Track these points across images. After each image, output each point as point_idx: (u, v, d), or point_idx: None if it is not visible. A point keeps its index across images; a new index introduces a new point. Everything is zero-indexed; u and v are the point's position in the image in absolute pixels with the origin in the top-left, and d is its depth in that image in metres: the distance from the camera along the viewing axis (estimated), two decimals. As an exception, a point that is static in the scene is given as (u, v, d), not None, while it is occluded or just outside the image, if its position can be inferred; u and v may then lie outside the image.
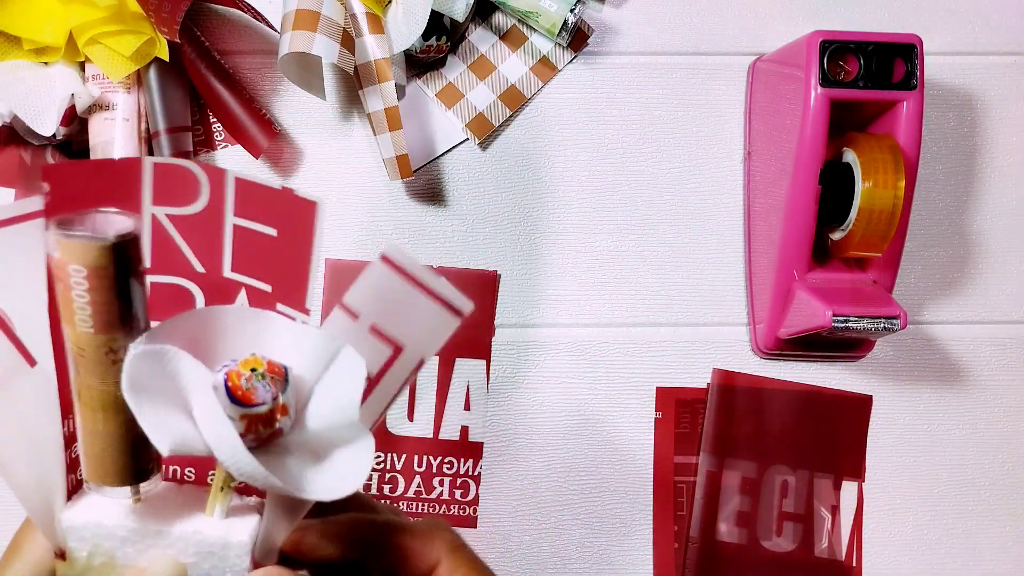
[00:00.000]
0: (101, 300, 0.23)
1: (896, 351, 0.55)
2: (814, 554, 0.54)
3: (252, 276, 0.28)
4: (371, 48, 0.49)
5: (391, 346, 0.26)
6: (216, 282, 0.28)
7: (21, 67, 0.48)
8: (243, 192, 0.26)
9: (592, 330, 0.55)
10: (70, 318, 0.24)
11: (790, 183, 0.48)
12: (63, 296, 0.24)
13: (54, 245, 0.23)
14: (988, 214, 0.56)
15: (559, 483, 0.54)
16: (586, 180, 0.55)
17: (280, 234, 0.27)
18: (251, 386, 0.24)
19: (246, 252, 0.27)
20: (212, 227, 0.27)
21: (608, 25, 0.55)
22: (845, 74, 0.47)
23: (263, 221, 0.27)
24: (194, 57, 0.50)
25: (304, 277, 0.27)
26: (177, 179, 0.26)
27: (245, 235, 0.27)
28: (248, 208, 0.27)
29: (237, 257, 0.28)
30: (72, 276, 0.23)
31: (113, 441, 0.25)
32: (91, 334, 0.24)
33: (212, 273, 0.28)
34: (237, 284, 0.28)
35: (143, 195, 0.26)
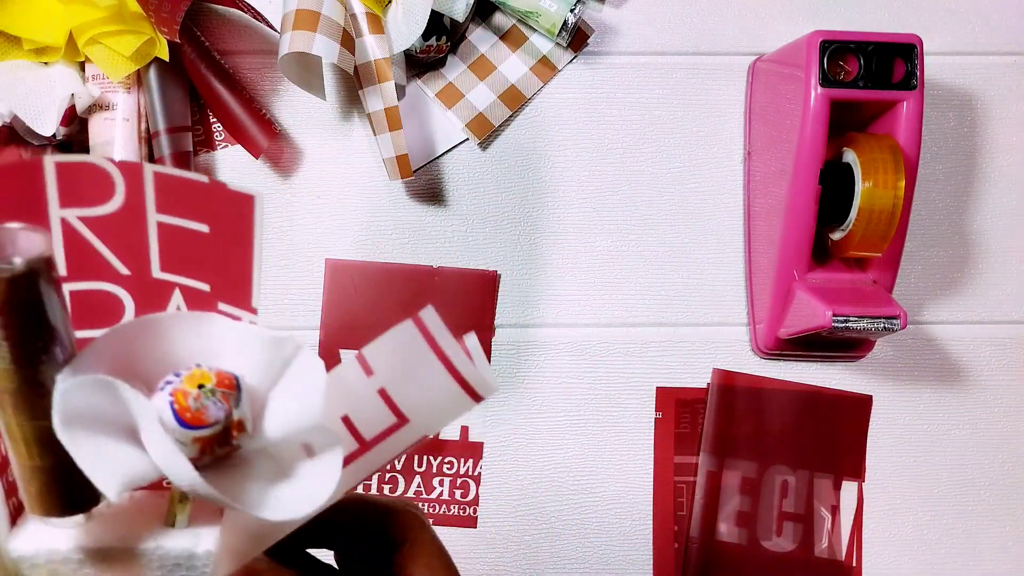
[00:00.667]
0: (15, 335, 0.21)
1: (896, 351, 0.55)
2: (814, 554, 0.54)
3: (186, 275, 0.25)
4: (371, 48, 0.49)
5: (396, 416, 0.25)
6: (145, 283, 0.26)
7: (21, 67, 0.48)
8: (165, 187, 0.24)
9: (592, 330, 0.55)
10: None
11: (790, 183, 0.48)
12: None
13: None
14: (988, 214, 0.56)
15: (559, 483, 0.54)
16: (586, 180, 0.55)
17: (213, 230, 0.25)
18: (200, 405, 0.22)
19: (176, 250, 0.25)
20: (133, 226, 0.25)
21: (608, 25, 0.55)
22: (845, 74, 0.47)
23: (192, 217, 0.24)
24: (194, 57, 0.50)
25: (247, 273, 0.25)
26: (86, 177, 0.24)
27: (172, 232, 0.25)
28: (173, 204, 0.24)
29: (165, 256, 0.25)
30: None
31: (53, 476, 0.23)
32: (12, 370, 0.22)
33: (139, 274, 0.25)
34: (170, 284, 0.26)
35: (48, 198, 0.24)
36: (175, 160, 0.50)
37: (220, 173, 0.54)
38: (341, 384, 0.24)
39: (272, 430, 0.24)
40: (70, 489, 0.23)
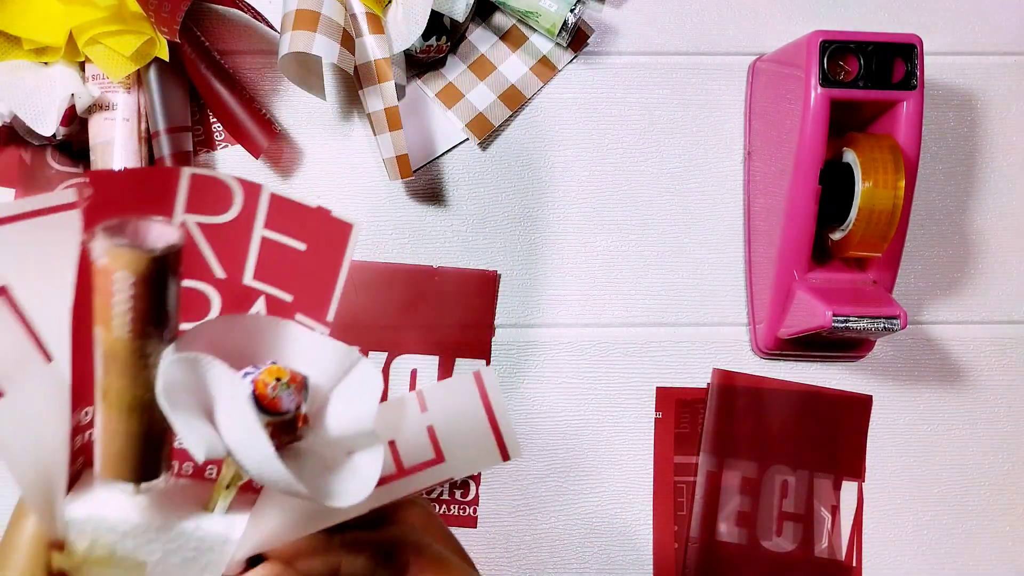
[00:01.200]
0: (142, 307, 0.24)
1: (896, 351, 0.55)
2: (814, 554, 0.54)
3: (274, 285, 0.29)
4: (371, 48, 0.49)
5: (435, 453, 0.27)
6: (235, 288, 0.29)
7: (21, 67, 0.48)
8: (277, 207, 0.28)
9: (592, 330, 0.55)
10: (107, 322, 0.24)
11: (790, 183, 0.48)
12: (102, 301, 0.24)
13: (101, 252, 0.23)
14: (988, 214, 0.56)
15: (559, 483, 0.54)
16: (586, 180, 0.55)
17: (309, 248, 0.28)
18: (277, 395, 0.25)
19: (271, 262, 0.28)
20: (240, 236, 0.28)
21: (608, 25, 0.55)
22: (845, 74, 0.47)
23: (293, 235, 0.28)
24: (194, 57, 0.50)
25: (330, 291, 0.28)
26: (212, 190, 0.27)
27: (272, 247, 0.28)
28: (280, 222, 0.28)
29: (261, 266, 0.28)
30: (117, 283, 0.23)
31: (134, 440, 0.26)
32: (127, 339, 0.24)
33: (232, 279, 0.29)
34: (256, 292, 0.29)
35: (177, 203, 0.27)
36: (175, 160, 0.50)
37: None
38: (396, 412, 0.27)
39: (329, 429, 0.26)
40: (144, 456, 0.26)
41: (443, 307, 0.54)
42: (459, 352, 0.54)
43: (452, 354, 0.54)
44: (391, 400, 0.27)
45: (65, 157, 0.53)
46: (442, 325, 0.54)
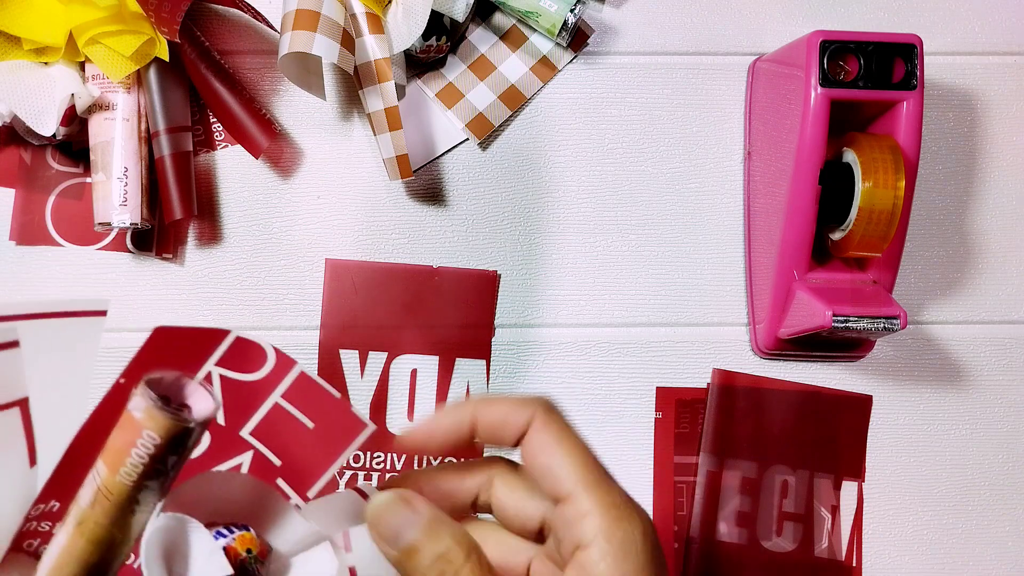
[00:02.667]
0: (154, 463, 0.25)
1: (896, 351, 0.55)
2: (814, 554, 0.54)
3: (267, 446, 0.30)
4: (371, 48, 0.49)
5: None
6: (228, 437, 0.29)
7: (21, 67, 0.48)
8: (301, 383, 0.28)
9: (592, 330, 0.55)
10: (114, 465, 0.25)
11: (790, 183, 0.48)
12: (120, 447, 0.25)
13: (140, 407, 0.24)
14: (988, 214, 0.56)
15: (559, 483, 0.54)
16: (586, 180, 0.55)
17: (316, 428, 0.29)
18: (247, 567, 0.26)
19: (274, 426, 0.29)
20: (255, 395, 0.29)
21: (608, 25, 0.55)
22: (845, 74, 0.47)
23: (306, 412, 0.29)
24: (194, 57, 0.50)
25: (320, 472, 0.29)
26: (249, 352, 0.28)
27: (281, 413, 0.29)
28: (298, 397, 0.29)
29: (263, 426, 0.29)
30: (142, 439, 0.24)
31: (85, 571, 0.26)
32: (128, 486, 0.25)
33: (229, 429, 0.29)
34: (247, 445, 0.30)
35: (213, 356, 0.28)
36: (175, 160, 0.50)
37: (220, 173, 0.54)
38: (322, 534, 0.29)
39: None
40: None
41: (443, 307, 0.54)
42: (459, 352, 0.54)
43: (452, 354, 0.54)
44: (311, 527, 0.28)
45: (65, 157, 0.53)
46: (442, 325, 0.54)
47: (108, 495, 0.25)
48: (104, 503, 0.25)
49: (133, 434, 0.24)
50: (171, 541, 0.25)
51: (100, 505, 0.25)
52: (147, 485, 0.25)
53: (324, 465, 0.29)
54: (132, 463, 0.24)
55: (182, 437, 0.25)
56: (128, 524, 0.25)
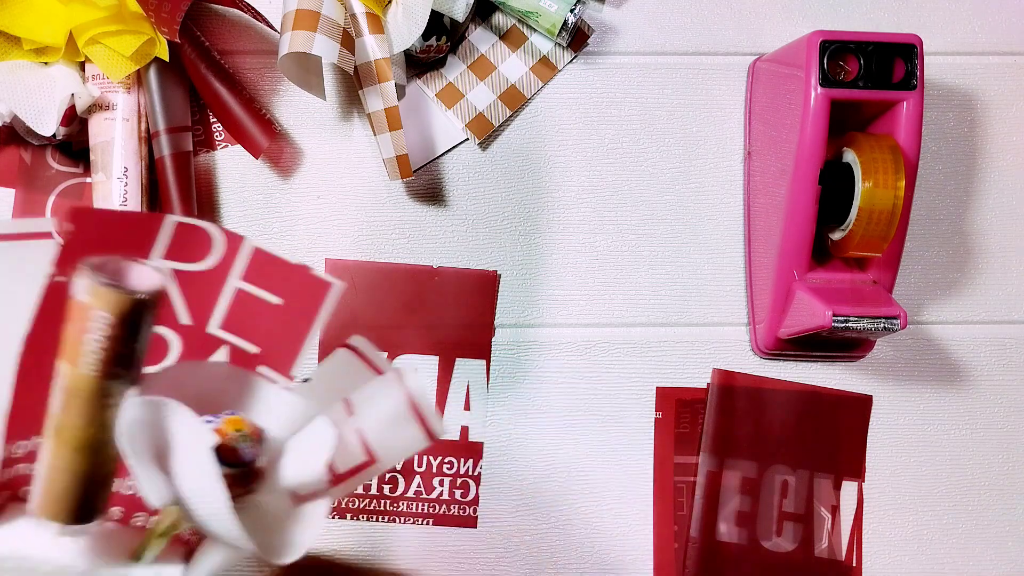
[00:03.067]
0: (114, 349, 0.24)
1: (896, 351, 0.55)
2: (814, 554, 0.54)
3: (242, 336, 0.28)
4: (371, 48, 0.49)
5: (367, 455, 0.27)
6: (198, 335, 0.28)
7: (21, 67, 0.48)
8: (257, 260, 0.27)
9: (592, 330, 0.55)
10: (74, 358, 0.24)
11: (790, 183, 0.48)
12: (73, 337, 0.23)
13: (84, 288, 0.23)
14: (988, 214, 0.56)
15: (559, 483, 0.54)
16: (586, 180, 0.55)
17: (285, 303, 0.28)
18: (238, 446, 0.25)
19: (242, 314, 0.28)
20: (213, 285, 0.28)
21: (608, 25, 0.55)
22: (845, 74, 0.47)
23: (270, 289, 0.28)
24: (194, 57, 0.50)
25: (298, 347, 0.28)
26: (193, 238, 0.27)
27: (246, 298, 0.28)
28: (258, 276, 0.28)
29: (230, 317, 0.28)
30: (94, 321, 0.23)
31: (79, 481, 0.25)
32: (92, 377, 0.24)
33: (196, 326, 0.28)
34: (220, 341, 0.29)
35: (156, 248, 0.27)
36: (175, 160, 0.50)
37: (220, 173, 0.54)
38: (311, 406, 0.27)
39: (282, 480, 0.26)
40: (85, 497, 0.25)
41: (443, 307, 0.54)
42: (459, 352, 0.54)
43: (452, 354, 0.54)
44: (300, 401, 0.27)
45: (65, 157, 0.53)
46: (442, 325, 0.54)
47: (76, 393, 0.24)
48: (75, 402, 0.24)
49: (83, 319, 0.23)
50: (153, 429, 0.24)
51: (72, 406, 0.24)
52: (114, 373, 0.24)
53: (301, 339, 0.28)
54: (91, 351, 0.23)
55: (136, 313, 0.23)
56: (106, 421, 0.24)
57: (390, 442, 0.27)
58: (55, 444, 0.25)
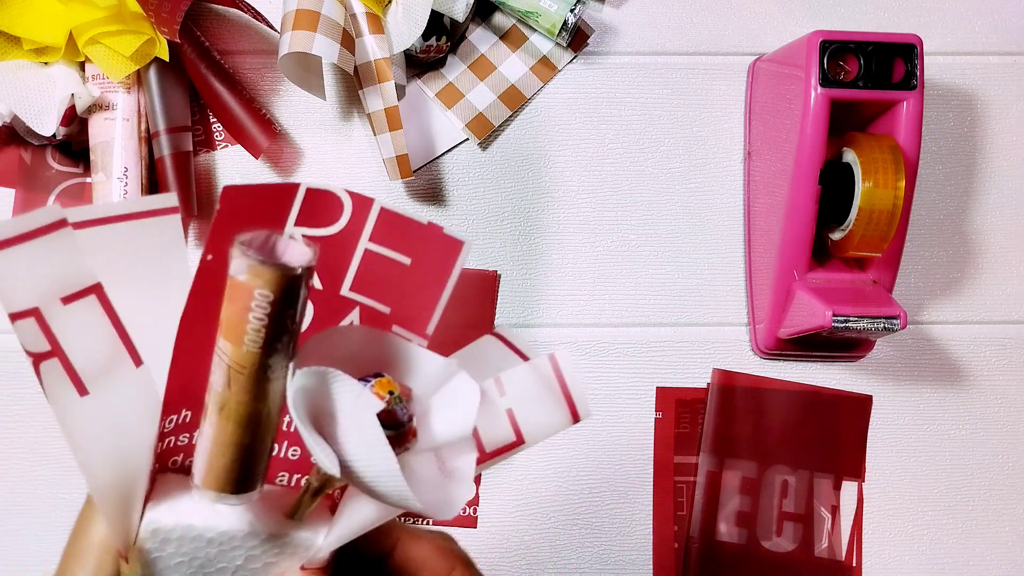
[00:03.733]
0: (275, 323, 0.24)
1: (896, 351, 0.55)
2: (814, 554, 0.54)
3: (371, 297, 0.29)
4: (371, 48, 0.49)
5: (515, 434, 0.28)
6: (331, 299, 0.29)
7: (21, 67, 0.48)
8: (385, 221, 0.28)
9: (592, 330, 0.55)
10: (238, 337, 0.24)
11: (790, 183, 0.48)
12: (236, 316, 0.24)
13: (242, 268, 0.23)
14: (988, 214, 0.56)
15: (559, 483, 0.54)
16: (586, 180, 0.55)
17: (414, 263, 0.28)
18: (392, 408, 0.25)
19: (371, 274, 0.28)
20: (343, 248, 0.28)
21: (608, 25, 0.55)
22: (845, 74, 0.47)
23: (399, 249, 0.28)
24: (194, 57, 0.50)
25: (432, 305, 0.29)
26: (324, 203, 0.27)
27: (375, 259, 0.28)
28: (387, 236, 0.28)
29: (360, 278, 0.28)
30: (256, 299, 0.24)
31: (244, 453, 0.26)
32: (256, 353, 0.24)
33: (329, 290, 0.29)
34: (352, 303, 0.29)
35: (291, 217, 0.27)
36: (175, 160, 0.50)
37: (220, 173, 0.54)
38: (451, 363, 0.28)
39: (430, 438, 0.27)
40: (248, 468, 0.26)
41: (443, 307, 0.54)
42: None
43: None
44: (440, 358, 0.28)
45: (65, 157, 0.53)
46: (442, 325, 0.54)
47: (240, 369, 0.25)
48: (239, 379, 0.25)
49: (245, 298, 0.24)
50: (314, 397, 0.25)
51: (236, 383, 0.25)
52: (274, 348, 0.25)
53: (434, 298, 0.29)
54: (253, 328, 0.24)
55: (292, 287, 0.24)
56: (267, 393, 0.25)
57: (537, 421, 0.27)
58: (219, 420, 0.26)
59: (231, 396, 0.25)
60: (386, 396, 0.25)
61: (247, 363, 0.24)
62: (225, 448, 0.26)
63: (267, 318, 0.24)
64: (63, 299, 0.24)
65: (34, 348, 0.24)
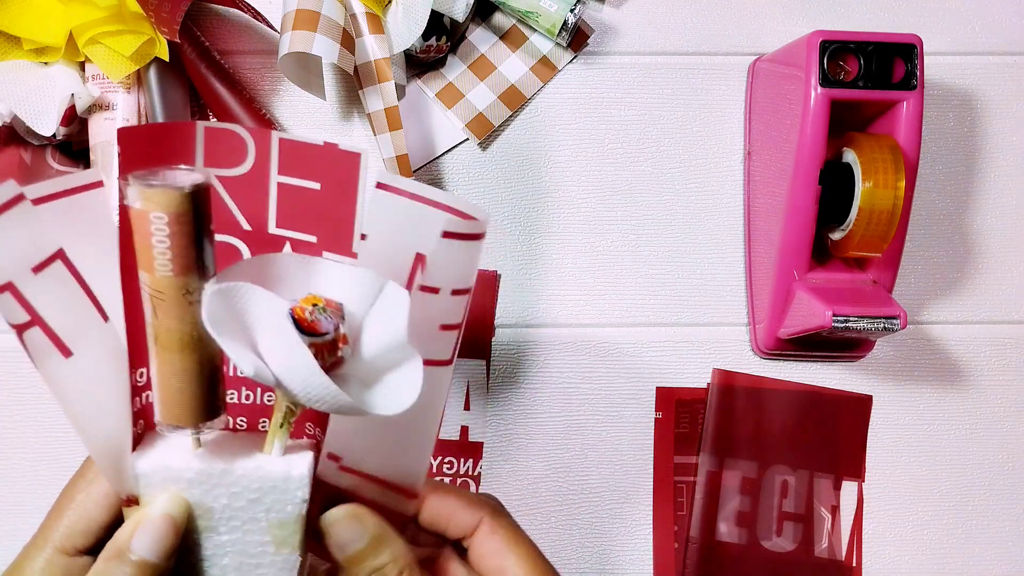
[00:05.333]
0: (181, 244, 0.25)
1: (896, 351, 0.55)
2: (814, 554, 0.54)
3: (297, 230, 0.30)
4: (371, 48, 0.49)
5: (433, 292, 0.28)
6: (261, 238, 0.30)
7: (21, 67, 0.48)
8: (287, 151, 0.28)
9: (592, 330, 0.55)
10: (149, 264, 0.25)
11: (790, 183, 0.48)
12: (142, 244, 0.25)
13: (136, 196, 0.24)
14: (988, 214, 0.56)
15: (559, 483, 0.54)
16: (586, 180, 0.55)
17: (323, 187, 0.29)
18: (315, 318, 0.26)
19: (291, 208, 0.29)
20: (258, 186, 0.29)
21: (608, 25, 0.55)
22: (845, 74, 0.47)
23: (307, 177, 0.29)
24: (194, 57, 0.50)
25: (349, 224, 0.29)
26: (226, 142, 0.28)
27: (289, 191, 0.29)
28: (292, 166, 0.28)
29: (281, 213, 0.29)
30: (154, 223, 0.25)
31: (190, 379, 0.27)
32: (171, 277, 0.25)
33: (257, 230, 0.30)
34: (282, 239, 0.30)
35: (197, 157, 0.28)
36: (175, 160, 0.50)
37: (220, 173, 0.54)
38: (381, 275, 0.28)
39: (368, 351, 0.27)
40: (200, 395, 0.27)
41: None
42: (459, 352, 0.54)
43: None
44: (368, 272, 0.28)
45: (65, 157, 0.53)
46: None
47: (161, 296, 0.26)
48: (163, 306, 0.26)
49: (144, 224, 0.25)
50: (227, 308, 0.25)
51: (160, 310, 0.26)
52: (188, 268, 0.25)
53: (349, 216, 0.29)
54: (159, 252, 0.25)
55: (188, 206, 0.25)
56: (195, 317, 0.26)
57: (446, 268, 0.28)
58: (157, 351, 0.27)
59: (160, 324, 0.26)
60: (308, 307, 0.26)
61: (164, 288, 0.25)
62: (169, 378, 0.27)
63: (168, 239, 0.25)
64: (33, 268, 0.25)
65: (15, 320, 0.25)
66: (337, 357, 0.27)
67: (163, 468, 0.28)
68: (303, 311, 0.26)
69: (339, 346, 0.26)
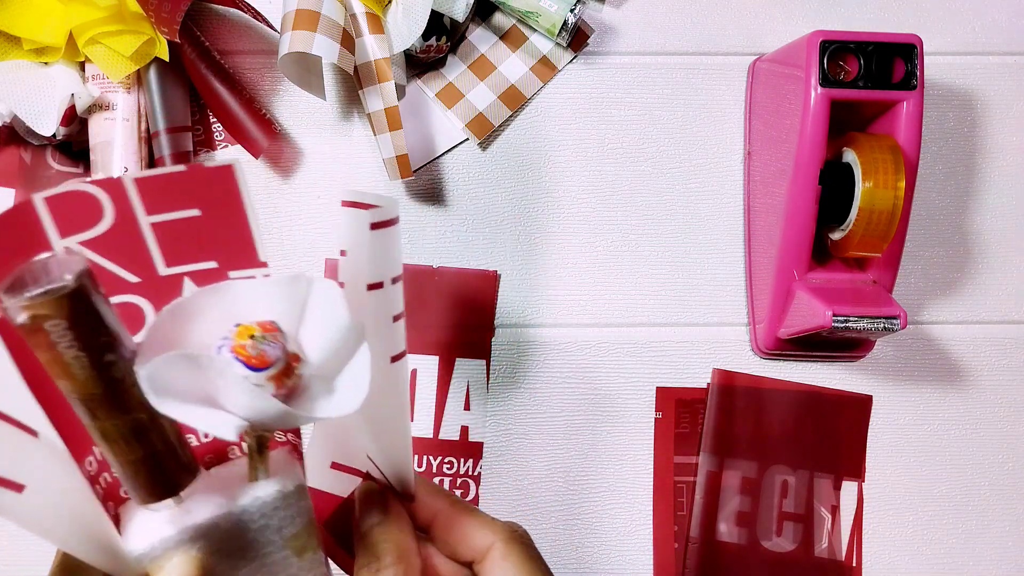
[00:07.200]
0: (85, 343, 0.23)
1: (896, 351, 0.55)
2: (814, 554, 0.54)
3: (191, 262, 0.28)
4: (371, 48, 0.49)
5: None
6: (155, 284, 0.27)
7: (21, 67, 0.48)
8: (148, 190, 0.26)
9: (592, 330, 0.55)
10: (66, 372, 0.23)
11: (790, 183, 0.48)
12: (49, 356, 0.23)
13: (18, 312, 0.22)
14: (988, 214, 0.56)
15: (559, 483, 0.54)
16: (586, 180, 0.55)
17: (204, 210, 0.26)
18: (260, 350, 0.24)
19: (175, 243, 0.27)
20: (130, 235, 0.26)
21: (608, 25, 0.55)
22: (845, 74, 0.47)
23: (181, 207, 0.26)
24: (194, 57, 0.50)
25: (246, 237, 0.27)
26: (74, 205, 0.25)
27: (167, 228, 0.26)
28: (159, 202, 0.26)
29: (167, 252, 0.27)
30: (52, 333, 0.22)
31: (155, 459, 0.26)
32: (93, 375, 0.24)
33: (148, 278, 0.27)
34: (178, 276, 0.28)
35: (49, 234, 0.25)
36: (175, 160, 0.50)
37: (220, 173, 0.54)
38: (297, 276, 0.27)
39: (314, 353, 0.26)
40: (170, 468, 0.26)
41: (443, 307, 0.54)
42: (459, 352, 0.54)
43: (452, 354, 0.54)
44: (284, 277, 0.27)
45: (65, 157, 0.53)
46: (442, 325, 0.54)
47: (93, 397, 0.24)
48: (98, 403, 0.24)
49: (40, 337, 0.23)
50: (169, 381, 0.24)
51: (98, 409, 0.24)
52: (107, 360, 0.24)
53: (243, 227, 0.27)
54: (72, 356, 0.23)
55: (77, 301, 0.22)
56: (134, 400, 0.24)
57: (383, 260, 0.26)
58: (110, 446, 0.25)
59: (99, 424, 0.25)
60: (247, 342, 0.24)
61: (92, 386, 0.24)
62: (131, 467, 0.26)
63: (77, 342, 0.23)
64: None
65: None
66: (295, 377, 0.25)
67: (160, 540, 0.27)
68: (244, 348, 0.24)
69: (293, 367, 0.25)
